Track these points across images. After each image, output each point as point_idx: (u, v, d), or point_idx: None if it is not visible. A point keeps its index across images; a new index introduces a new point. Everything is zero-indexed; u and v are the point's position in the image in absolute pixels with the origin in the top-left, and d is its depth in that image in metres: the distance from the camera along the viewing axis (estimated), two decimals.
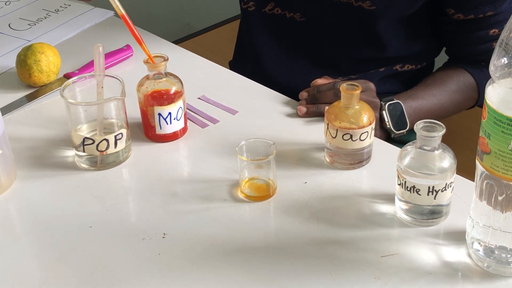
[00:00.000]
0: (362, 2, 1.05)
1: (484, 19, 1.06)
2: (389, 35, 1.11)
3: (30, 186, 0.86)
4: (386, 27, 1.10)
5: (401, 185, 0.76)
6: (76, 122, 0.88)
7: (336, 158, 0.87)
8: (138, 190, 0.86)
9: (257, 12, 1.17)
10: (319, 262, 0.73)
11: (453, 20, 1.08)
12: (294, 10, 1.13)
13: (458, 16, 1.07)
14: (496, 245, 0.70)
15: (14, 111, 1.01)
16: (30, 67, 1.04)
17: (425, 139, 0.74)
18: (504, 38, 0.61)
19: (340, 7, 1.08)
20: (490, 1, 1.04)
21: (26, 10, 1.33)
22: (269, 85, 1.08)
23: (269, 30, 1.17)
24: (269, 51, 1.18)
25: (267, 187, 0.83)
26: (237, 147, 0.81)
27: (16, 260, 0.75)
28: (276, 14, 1.15)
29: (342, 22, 1.10)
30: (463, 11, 1.06)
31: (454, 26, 1.09)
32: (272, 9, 1.14)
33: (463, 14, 1.06)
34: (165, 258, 0.74)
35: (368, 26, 1.09)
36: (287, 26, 1.15)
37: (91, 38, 1.23)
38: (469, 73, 1.11)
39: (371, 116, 0.85)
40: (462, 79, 1.11)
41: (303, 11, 1.12)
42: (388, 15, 1.08)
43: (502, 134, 0.63)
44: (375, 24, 1.09)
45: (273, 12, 1.15)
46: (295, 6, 1.13)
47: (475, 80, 1.11)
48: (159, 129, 0.92)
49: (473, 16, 1.06)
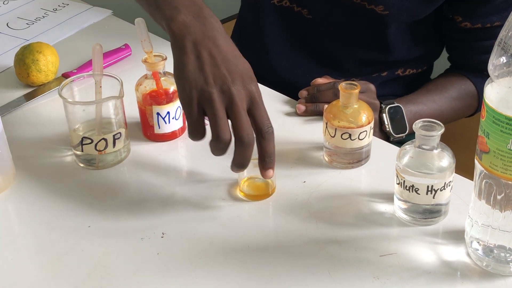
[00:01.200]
0: (375, 6, 1.05)
1: (491, 29, 1.06)
2: (397, 40, 1.11)
3: (28, 185, 0.86)
4: (395, 31, 1.09)
5: (400, 184, 0.76)
6: (75, 121, 0.88)
7: (335, 157, 0.87)
8: (136, 189, 0.85)
9: (266, 3, 1.16)
10: (318, 261, 0.73)
11: (459, 27, 1.08)
12: (302, 5, 1.12)
13: (465, 24, 1.07)
14: (495, 244, 0.70)
15: (12, 110, 1.01)
16: (28, 66, 1.04)
17: (424, 138, 0.74)
18: (503, 37, 0.61)
19: (351, 7, 1.07)
20: (498, 11, 1.04)
21: (24, 9, 1.32)
22: (270, 76, 1.07)
23: (276, 22, 1.16)
24: (274, 42, 1.17)
25: (266, 186, 0.83)
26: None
27: (15, 259, 0.75)
28: (284, 6, 1.14)
29: (350, 22, 1.10)
30: (470, 20, 1.06)
31: (460, 34, 1.09)
32: (280, 1, 1.13)
33: (470, 22, 1.06)
34: (164, 257, 0.74)
35: (377, 29, 1.09)
36: (294, 20, 1.14)
37: (89, 37, 1.23)
38: (471, 81, 1.11)
39: (370, 116, 0.85)
40: (463, 86, 1.11)
41: (310, 7, 1.11)
42: (399, 20, 1.07)
43: (501, 133, 0.63)
44: (385, 28, 1.08)
45: (281, 4, 1.14)
46: (303, 0, 1.12)
47: (476, 89, 1.11)
48: (157, 128, 0.92)
49: (480, 25, 1.06)
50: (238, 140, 0.74)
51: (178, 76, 0.76)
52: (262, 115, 0.76)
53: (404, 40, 1.11)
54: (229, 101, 0.74)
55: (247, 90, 0.75)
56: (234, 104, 0.74)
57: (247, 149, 0.74)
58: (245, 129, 0.74)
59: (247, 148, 0.74)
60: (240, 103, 0.74)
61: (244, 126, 0.74)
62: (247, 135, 0.74)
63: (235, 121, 0.74)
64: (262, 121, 0.76)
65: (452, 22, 1.08)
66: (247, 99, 0.75)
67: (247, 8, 1.23)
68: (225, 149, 0.75)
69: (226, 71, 0.75)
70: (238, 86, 0.75)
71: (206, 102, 0.74)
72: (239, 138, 0.74)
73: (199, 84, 0.74)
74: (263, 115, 0.76)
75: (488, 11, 1.04)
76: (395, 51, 1.12)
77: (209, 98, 0.74)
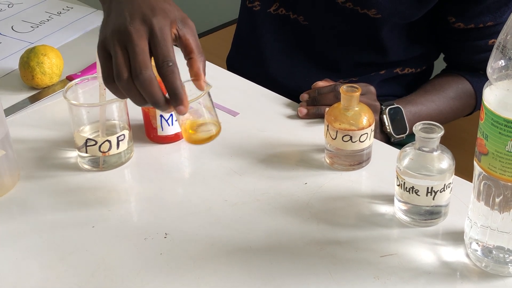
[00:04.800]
0: (368, 10, 1.06)
1: (484, 29, 1.07)
2: (392, 41, 1.12)
3: (33, 186, 0.87)
4: (389, 33, 1.10)
5: (400, 186, 0.77)
6: (79, 123, 0.89)
7: (336, 159, 0.88)
8: (140, 190, 0.86)
9: (262, 12, 1.17)
10: (319, 262, 0.74)
11: (453, 28, 1.09)
12: (298, 12, 1.14)
13: (459, 24, 1.08)
14: (494, 245, 0.71)
15: (17, 112, 1.02)
16: (33, 69, 1.05)
17: (424, 141, 0.74)
18: (501, 41, 0.62)
19: (344, 12, 1.08)
20: (491, 11, 1.04)
21: (29, 12, 1.34)
22: (271, 84, 1.08)
23: (273, 31, 1.17)
24: (273, 51, 1.18)
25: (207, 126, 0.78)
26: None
27: (19, 259, 0.76)
28: (280, 14, 1.15)
29: (345, 27, 1.11)
30: (463, 20, 1.07)
31: (454, 34, 1.10)
32: (277, 9, 1.15)
33: (463, 23, 1.07)
34: (166, 257, 0.75)
35: (371, 32, 1.10)
36: (291, 27, 1.15)
37: (93, 40, 1.22)
38: (467, 80, 1.12)
39: (371, 118, 0.86)
40: (460, 86, 1.12)
41: (306, 14, 1.13)
42: (392, 23, 1.09)
43: (499, 135, 0.64)
44: (379, 30, 1.09)
45: (278, 12, 1.15)
46: (298, 8, 1.13)
47: (473, 88, 1.12)
48: (160, 130, 0.93)
49: (473, 26, 1.07)
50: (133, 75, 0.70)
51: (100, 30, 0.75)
52: (159, 49, 0.71)
53: (399, 41, 1.12)
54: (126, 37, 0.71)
55: (147, 25, 0.71)
56: (128, 41, 0.71)
57: (144, 85, 0.70)
58: (138, 63, 0.70)
59: (143, 85, 0.70)
60: (135, 39, 0.71)
61: (137, 60, 0.70)
62: (140, 71, 0.70)
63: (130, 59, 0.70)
64: (158, 56, 0.71)
65: (446, 23, 1.09)
66: (147, 31, 0.71)
67: (244, 19, 1.24)
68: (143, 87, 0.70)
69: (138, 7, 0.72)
70: (136, 22, 0.71)
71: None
72: (134, 75, 0.70)
73: (117, 24, 0.72)
74: (161, 49, 0.71)
75: (481, 11, 1.05)
76: (391, 52, 1.13)
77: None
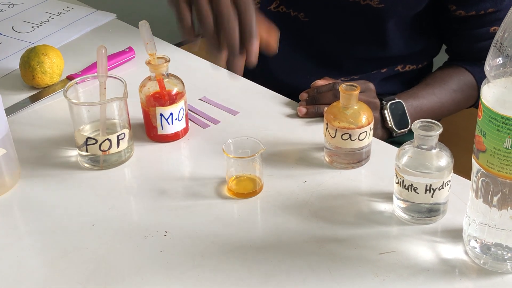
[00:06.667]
0: (370, 0, 1.06)
1: (485, 16, 1.06)
2: (395, 34, 1.11)
3: (33, 185, 0.87)
4: (392, 25, 1.10)
5: (399, 184, 0.77)
6: (79, 122, 0.89)
7: (335, 158, 0.88)
8: (140, 189, 0.87)
9: (262, 9, 1.17)
10: (318, 259, 0.74)
11: (454, 16, 1.09)
12: (298, 9, 1.13)
13: (460, 12, 1.07)
14: (492, 242, 0.71)
15: (18, 111, 1.02)
16: (34, 68, 1.05)
17: (423, 138, 0.75)
18: (499, 39, 0.63)
19: (347, 6, 1.07)
20: None
21: (29, 13, 1.34)
22: (271, 82, 1.08)
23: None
24: None
25: (254, 185, 0.83)
26: (224, 145, 0.82)
27: (20, 257, 0.76)
28: (280, 12, 1.15)
29: (347, 21, 1.10)
30: (464, 8, 1.07)
31: (455, 23, 1.10)
32: (277, 7, 1.15)
33: (464, 10, 1.07)
34: (167, 255, 0.75)
35: (374, 24, 1.09)
36: (291, 24, 1.15)
37: (93, 40, 1.24)
38: (469, 72, 1.12)
39: (370, 116, 0.86)
40: (462, 78, 1.12)
41: (306, 10, 1.12)
42: (396, 13, 1.08)
43: (497, 132, 0.64)
44: (382, 22, 1.09)
45: (278, 10, 1.15)
46: (298, 5, 1.13)
47: (475, 79, 1.12)
48: (161, 129, 0.93)
49: (474, 13, 1.06)
50: (218, 16, 0.79)
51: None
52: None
53: (402, 34, 1.12)
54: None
55: None
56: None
57: (228, 25, 0.80)
58: (222, 5, 0.79)
59: (227, 24, 0.80)
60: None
61: (221, 3, 0.79)
62: (223, 11, 0.79)
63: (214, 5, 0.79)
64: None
65: (447, 12, 1.09)
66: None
67: None
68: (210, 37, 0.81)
69: None
70: None
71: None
72: (217, 14, 0.79)
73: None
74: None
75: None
76: (393, 46, 1.13)
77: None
